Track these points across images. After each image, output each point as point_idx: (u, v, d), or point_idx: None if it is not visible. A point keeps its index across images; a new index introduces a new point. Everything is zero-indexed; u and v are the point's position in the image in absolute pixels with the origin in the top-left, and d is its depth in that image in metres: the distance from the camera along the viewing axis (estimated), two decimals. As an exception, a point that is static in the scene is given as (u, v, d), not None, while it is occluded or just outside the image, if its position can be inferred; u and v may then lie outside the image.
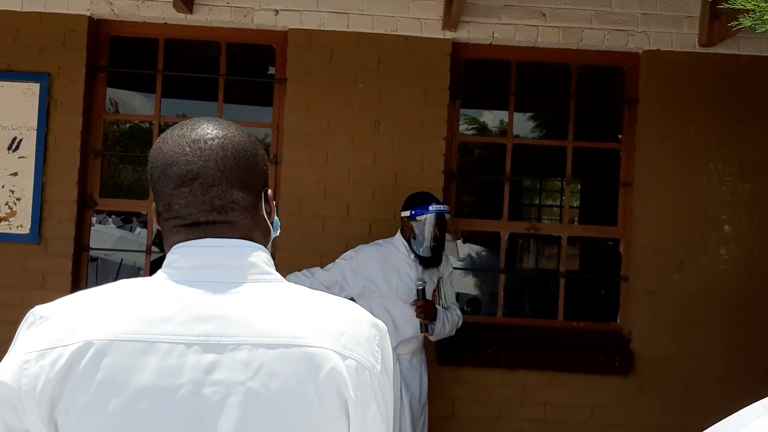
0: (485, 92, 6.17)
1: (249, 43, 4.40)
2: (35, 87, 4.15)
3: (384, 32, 4.21)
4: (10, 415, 1.04)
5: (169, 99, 5.04)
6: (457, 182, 4.48)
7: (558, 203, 10.08)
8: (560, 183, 5.62)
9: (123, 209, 7.58)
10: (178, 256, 1.13)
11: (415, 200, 3.63)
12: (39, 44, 4.15)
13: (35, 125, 4.14)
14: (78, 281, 4.22)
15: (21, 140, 4.15)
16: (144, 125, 7.68)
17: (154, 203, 1.18)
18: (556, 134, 7.25)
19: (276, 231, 1.25)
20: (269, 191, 1.22)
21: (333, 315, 1.11)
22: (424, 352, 3.76)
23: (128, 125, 8.88)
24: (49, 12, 4.16)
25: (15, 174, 4.15)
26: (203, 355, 1.04)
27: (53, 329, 1.05)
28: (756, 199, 4.24)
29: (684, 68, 4.26)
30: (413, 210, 3.60)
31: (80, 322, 1.05)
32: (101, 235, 8.16)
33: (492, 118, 8.28)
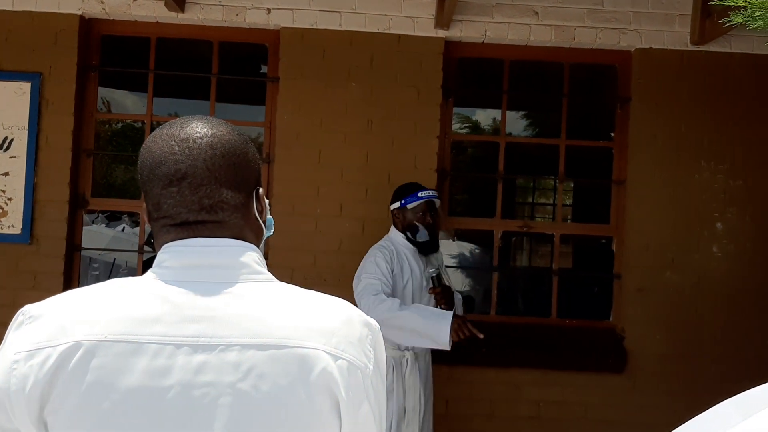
0: (478, 91, 6.17)
1: (241, 42, 4.39)
2: (26, 86, 4.13)
3: (376, 31, 4.20)
4: (1, 415, 1.04)
5: (162, 98, 5.02)
6: (450, 181, 4.48)
7: (551, 201, 10.08)
8: (553, 181, 5.63)
9: (115, 209, 7.55)
10: (168, 256, 1.12)
11: (404, 190, 3.61)
12: (30, 43, 4.14)
13: (26, 125, 4.12)
14: (70, 281, 4.20)
15: (12, 140, 4.13)
16: (136, 124, 7.65)
17: (145, 203, 1.17)
18: (549, 132, 7.25)
19: (270, 230, 1.24)
20: (261, 190, 1.21)
21: (325, 315, 1.10)
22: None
23: (120, 124, 8.86)
24: (40, 11, 4.14)
25: (6, 174, 4.13)
26: (193, 356, 1.03)
27: (42, 329, 1.04)
28: (748, 197, 4.26)
29: (676, 66, 4.27)
30: (403, 199, 3.58)
31: (69, 322, 1.04)
32: (95, 235, 8.13)
33: (485, 117, 8.28)
